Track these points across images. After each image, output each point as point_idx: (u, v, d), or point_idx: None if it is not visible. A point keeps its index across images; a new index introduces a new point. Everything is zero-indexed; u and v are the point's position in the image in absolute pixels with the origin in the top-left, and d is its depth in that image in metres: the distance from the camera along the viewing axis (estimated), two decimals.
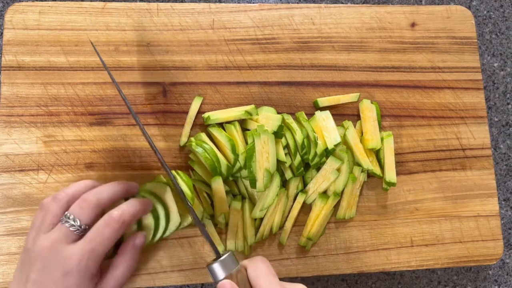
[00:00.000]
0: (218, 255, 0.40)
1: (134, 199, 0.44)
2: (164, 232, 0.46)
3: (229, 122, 0.51)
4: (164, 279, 0.49)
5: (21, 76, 0.51)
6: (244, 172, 0.49)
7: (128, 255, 0.43)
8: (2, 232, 0.48)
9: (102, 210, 0.42)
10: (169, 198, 0.47)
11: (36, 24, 0.52)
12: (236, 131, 0.50)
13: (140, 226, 0.46)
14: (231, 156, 0.48)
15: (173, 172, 0.46)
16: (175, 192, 0.47)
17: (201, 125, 0.52)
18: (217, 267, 0.39)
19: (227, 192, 0.49)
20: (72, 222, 0.40)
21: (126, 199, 0.46)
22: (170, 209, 0.47)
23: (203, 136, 0.50)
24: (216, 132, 0.49)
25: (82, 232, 0.40)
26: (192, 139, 0.50)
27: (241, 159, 0.48)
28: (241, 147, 0.49)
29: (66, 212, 0.40)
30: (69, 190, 0.43)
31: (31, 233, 0.41)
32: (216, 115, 0.50)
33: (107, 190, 0.43)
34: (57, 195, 0.42)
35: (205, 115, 0.51)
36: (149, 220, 0.46)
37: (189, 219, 0.48)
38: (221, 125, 0.51)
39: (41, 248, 0.38)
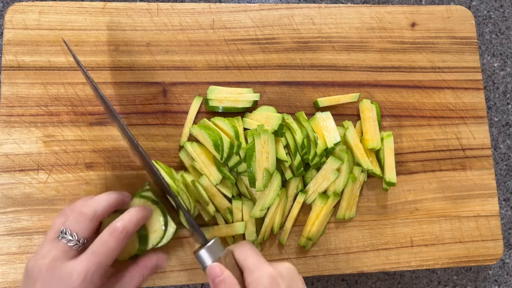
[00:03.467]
0: (205, 242, 0.41)
1: (134, 208, 0.42)
2: (163, 236, 0.46)
3: (231, 114, 0.52)
4: (164, 279, 0.49)
5: (21, 76, 0.51)
6: (243, 167, 0.49)
7: (146, 272, 0.42)
8: (2, 232, 0.48)
9: (99, 222, 0.41)
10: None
11: (36, 24, 0.52)
12: (238, 125, 0.50)
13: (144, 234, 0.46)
14: (234, 142, 0.49)
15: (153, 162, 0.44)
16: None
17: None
18: (204, 253, 0.40)
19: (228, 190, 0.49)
20: (70, 237, 0.38)
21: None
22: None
23: (206, 121, 0.51)
24: (219, 121, 0.50)
25: (81, 247, 0.38)
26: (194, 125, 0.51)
27: (241, 152, 0.48)
28: (242, 141, 0.49)
29: (62, 228, 0.38)
30: (76, 205, 0.41)
31: (34, 252, 0.39)
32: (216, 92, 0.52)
33: (102, 201, 0.41)
34: (64, 210, 0.41)
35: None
36: (157, 226, 0.45)
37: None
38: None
39: (39, 268, 0.36)
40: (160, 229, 0.46)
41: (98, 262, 0.37)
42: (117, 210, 0.45)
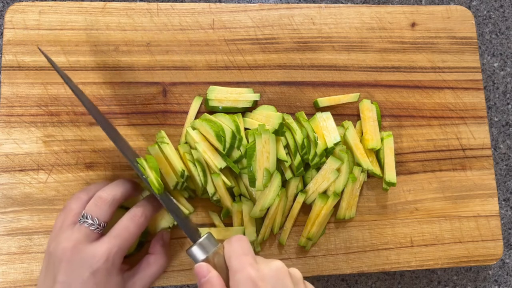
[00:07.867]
0: (196, 238, 0.41)
1: (150, 195, 0.46)
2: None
3: (231, 113, 0.52)
4: (164, 279, 0.49)
5: (21, 76, 0.51)
6: (245, 162, 0.49)
7: (161, 253, 0.46)
8: (2, 232, 0.48)
9: (117, 207, 0.43)
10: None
11: (36, 24, 0.52)
12: (239, 121, 0.50)
13: None
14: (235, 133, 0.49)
15: (140, 160, 0.44)
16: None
17: None
18: (195, 249, 0.39)
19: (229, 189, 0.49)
20: (91, 221, 0.40)
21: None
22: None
23: (207, 115, 0.51)
24: (220, 116, 0.50)
25: (101, 230, 0.41)
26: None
27: (242, 149, 0.48)
28: (243, 137, 0.49)
29: (83, 212, 0.41)
30: (90, 190, 0.44)
31: (52, 236, 0.42)
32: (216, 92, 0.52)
33: (120, 187, 0.44)
34: (78, 195, 0.43)
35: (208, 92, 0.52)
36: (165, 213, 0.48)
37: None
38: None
39: (63, 250, 0.39)
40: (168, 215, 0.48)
41: (119, 245, 0.40)
42: (121, 206, 0.47)
